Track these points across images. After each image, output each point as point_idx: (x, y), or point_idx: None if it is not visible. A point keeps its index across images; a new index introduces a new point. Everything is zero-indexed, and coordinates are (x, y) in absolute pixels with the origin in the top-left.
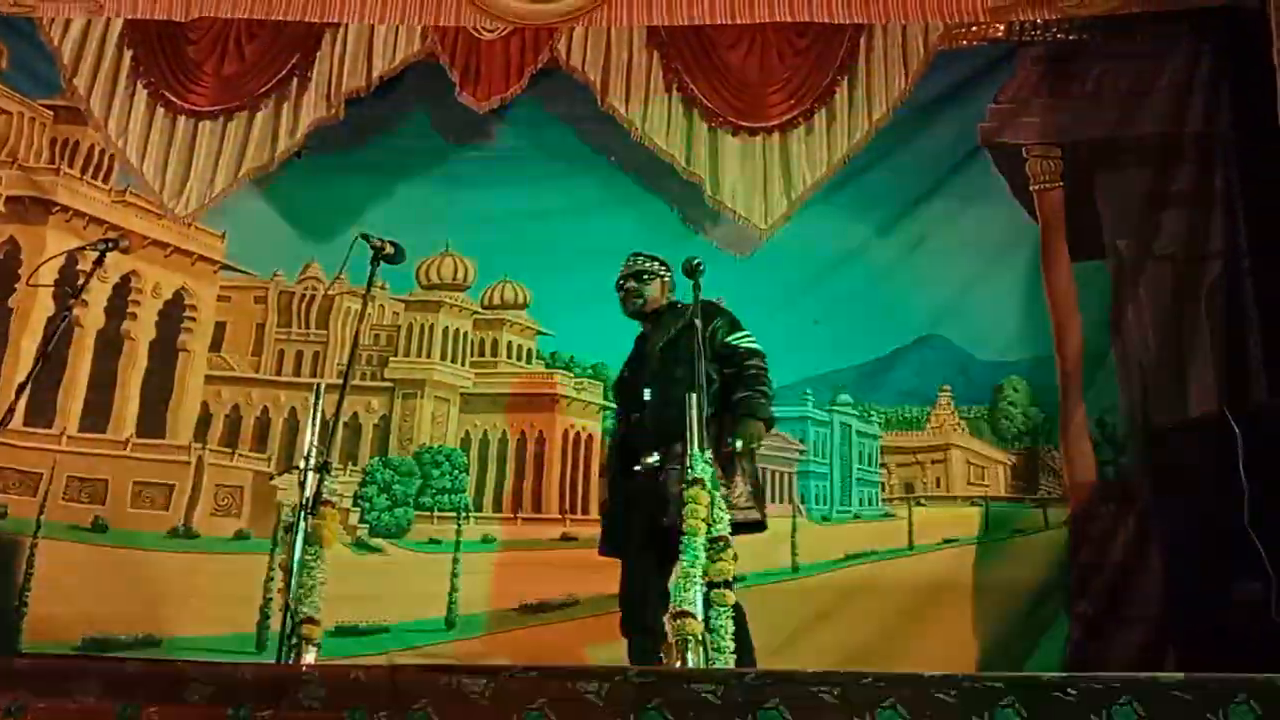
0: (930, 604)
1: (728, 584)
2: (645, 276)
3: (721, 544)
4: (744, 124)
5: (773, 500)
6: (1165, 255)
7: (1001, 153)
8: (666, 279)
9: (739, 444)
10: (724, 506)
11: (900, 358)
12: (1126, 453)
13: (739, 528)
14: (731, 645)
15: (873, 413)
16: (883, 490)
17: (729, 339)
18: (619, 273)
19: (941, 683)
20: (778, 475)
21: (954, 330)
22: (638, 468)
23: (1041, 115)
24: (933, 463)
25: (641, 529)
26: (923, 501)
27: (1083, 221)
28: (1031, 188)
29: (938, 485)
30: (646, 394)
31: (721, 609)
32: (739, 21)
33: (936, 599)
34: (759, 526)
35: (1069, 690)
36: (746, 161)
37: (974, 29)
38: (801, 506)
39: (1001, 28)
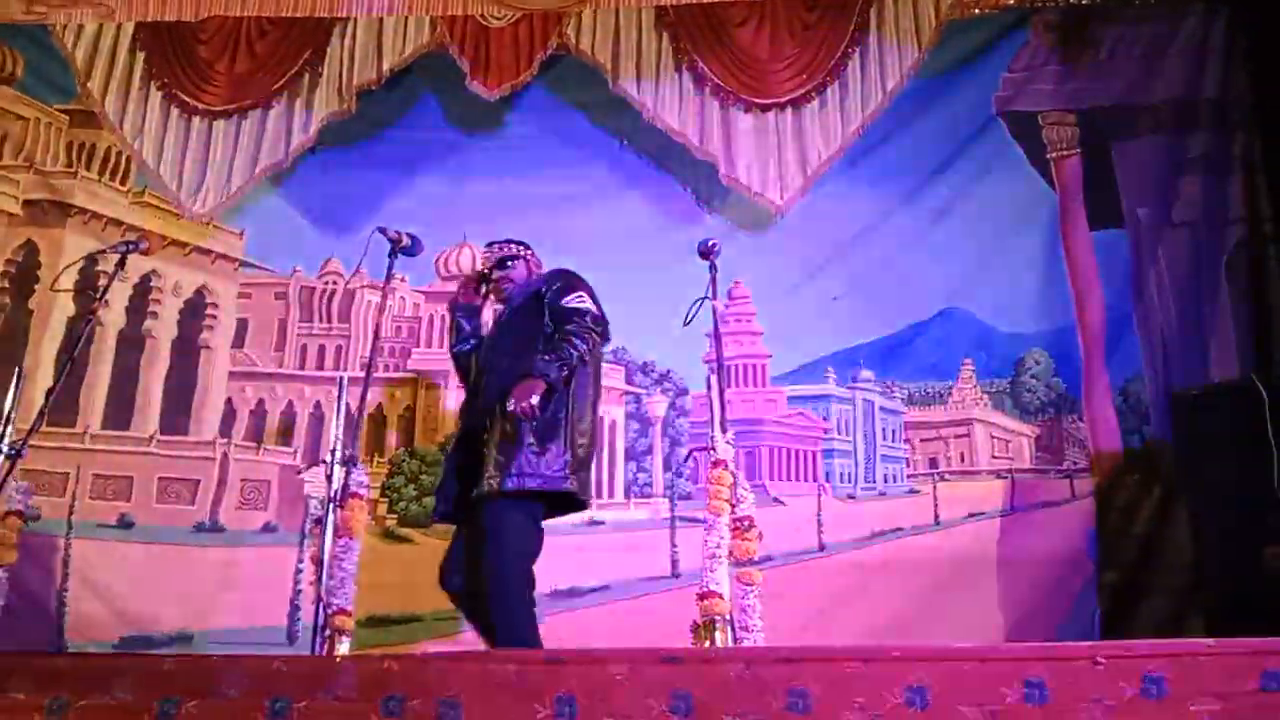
0: (957, 578)
1: (752, 563)
2: (509, 262)
3: (745, 523)
4: (756, 101)
5: (797, 479)
6: (1185, 222)
7: (1017, 121)
8: (530, 258)
9: (510, 403)
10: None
11: (921, 332)
12: (1151, 421)
13: (552, 500)
14: (760, 624)
15: (895, 388)
16: (907, 466)
17: (560, 301)
18: (486, 266)
19: (969, 655)
20: (801, 454)
21: (974, 303)
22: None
23: (1056, 82)
24: (956, 437)
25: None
26: (947, 476)
27: (1101, 189)
28: (1048, 155)
29: (962, 460)
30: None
31: (748, 587)
32: None
33: (963, 573)
34: (574, 503)
35: (1097, 659)
36: (760, 138)
37: None
38: (826, 485)
39: None
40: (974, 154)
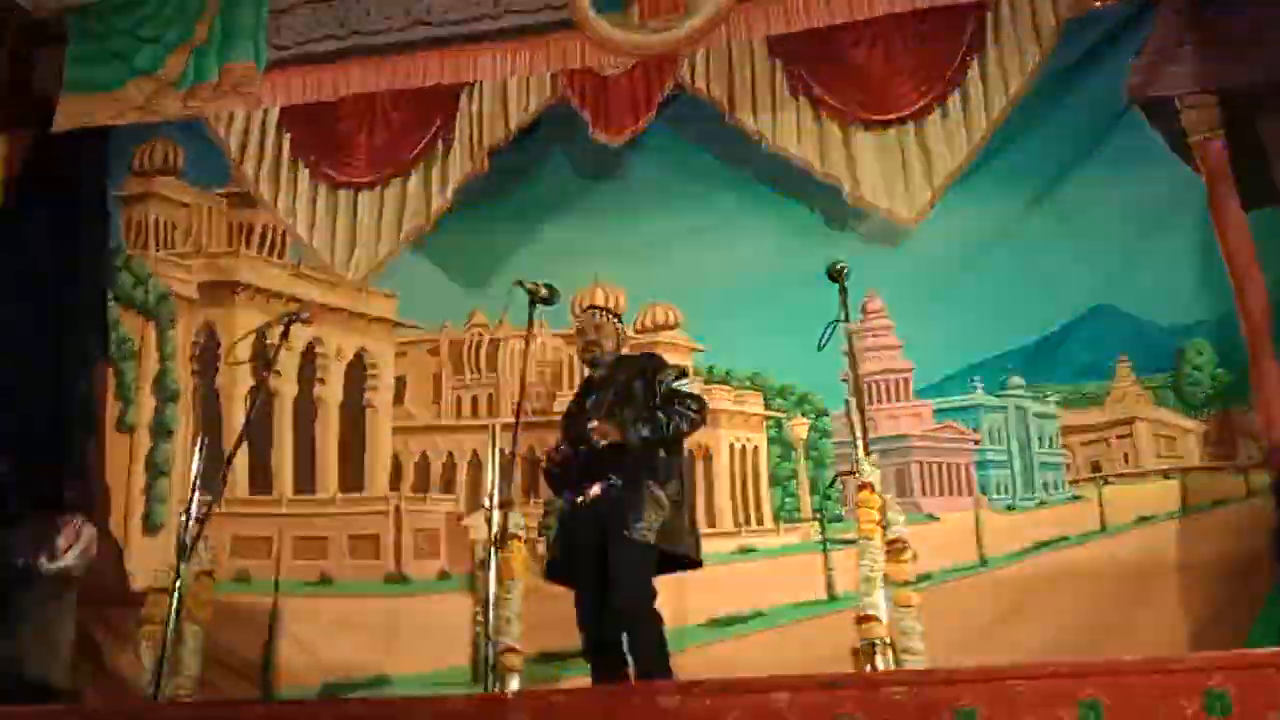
0: (1131, 587)
1: (908, 584)
2: (608, 332)
3: (899, 545)
4: (876, 118)
5: (951, 493)
6: None
7: (1152, 108)
8: (619, 327)
9: (646, 430)
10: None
11: (1071, 332)
12: None
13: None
14: (921, 646)
15: (1048, 392)
16: (1067, 472)
17: (675, 385)
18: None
19: (1141, 667)
20: (953, 467)
21: (1125, 298)
22: (582, 498)
23: (1192, 63)
24: (1118, 438)
25: (585, 556)
26: (1111, 480)
27: (1251, 168)
28: (1190, 139)
29: (1126, 461)
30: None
31: (906, 609)
32: (858, 19)
33: (1137, 581)
34: (682, 563)
35: None
36: (883, 155)
37: None
38: (983, 497)
39: None
40: (1109, 146)
